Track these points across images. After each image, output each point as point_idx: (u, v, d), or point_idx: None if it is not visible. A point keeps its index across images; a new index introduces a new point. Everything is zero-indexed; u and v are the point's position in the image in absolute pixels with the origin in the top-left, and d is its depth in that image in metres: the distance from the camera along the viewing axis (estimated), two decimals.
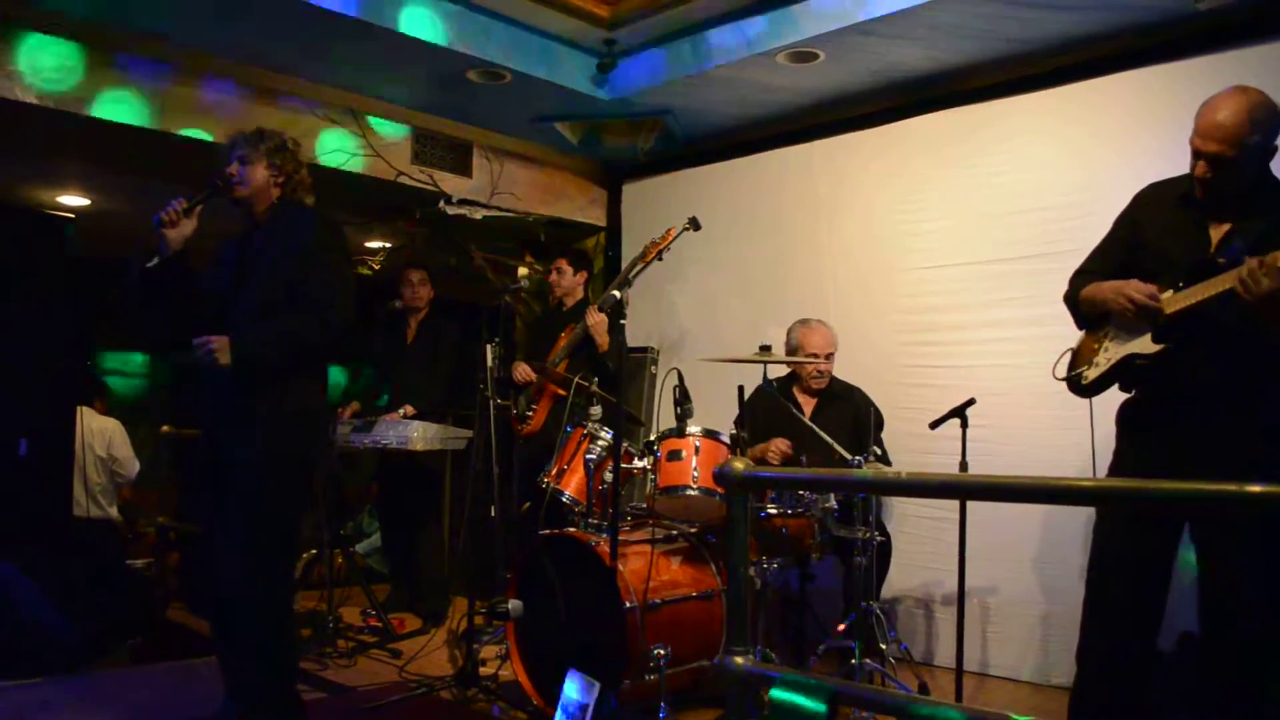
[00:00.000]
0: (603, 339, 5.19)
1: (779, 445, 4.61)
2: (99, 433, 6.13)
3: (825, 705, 1.61)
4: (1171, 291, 3.03)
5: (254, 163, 3.49)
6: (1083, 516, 4.38)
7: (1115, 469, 3.29)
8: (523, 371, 5.47)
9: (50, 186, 6.82)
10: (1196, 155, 3.02)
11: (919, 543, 5.11)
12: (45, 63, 4.70)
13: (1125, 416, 3.29)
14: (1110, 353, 3.21)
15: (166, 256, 3.39)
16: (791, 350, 4.90)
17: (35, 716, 3.97)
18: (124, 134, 5.08)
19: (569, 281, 5.65)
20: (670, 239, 5.13)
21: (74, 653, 4.55)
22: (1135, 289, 3.08)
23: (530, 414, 5.39)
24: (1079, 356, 3.38)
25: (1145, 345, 3.09)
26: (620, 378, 4.17)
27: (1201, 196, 3.09)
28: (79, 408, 5.68)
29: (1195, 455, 3.00)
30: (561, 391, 5.30)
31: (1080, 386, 3.32)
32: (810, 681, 1.69)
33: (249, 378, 3.33)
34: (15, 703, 4.11)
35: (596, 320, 5.16)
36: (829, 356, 4.89)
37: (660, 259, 5.14)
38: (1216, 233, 3.08)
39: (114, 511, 6.35)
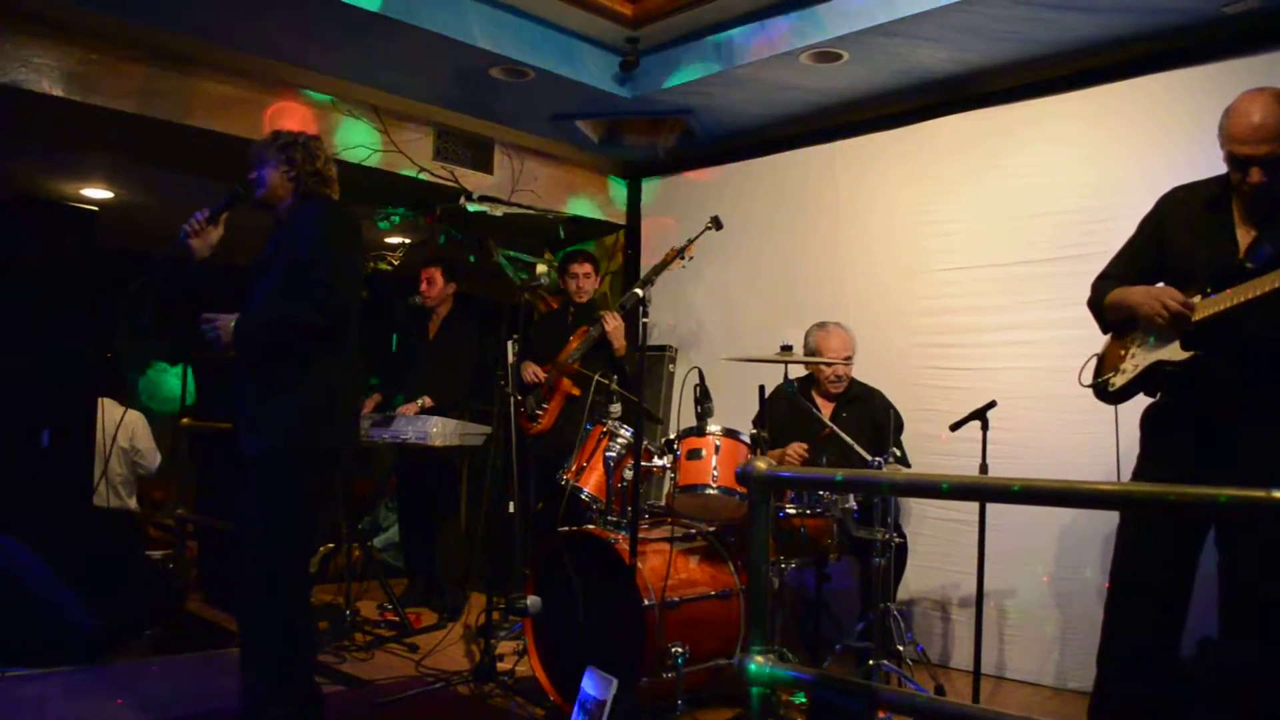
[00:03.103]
0: (620, 343, 5.22)
1: (796, 449, 4.61)
2: (122, 424, 6.18)
3: (861, 705, 1.62)
4: (1200, 297, 3.02)
5: (269, 164, 3.59)
6: (1102, 520, 4.37)
7: (1140, 473, 3.27)
8: (531, 372, 5.49)
9: (74, 179, 6.87)
10: (1246, 163, 2.98)
11: (937, 545, 5.09)
12: (71, 57, 4.75)
13: (1150, 421, 3.28)
14: (1138, 359, 3.20)
15: (195, 265, 3.54)
16: (809, 354, 4.89)
17: (56, 705, 4.00)
18: (147, 127, 5.12)
19: (592, 284, 5.70)
20: (694, 241, 5.16)
21: (94, 642, 4.58)
22: (1171, 296, 3.06)
23: (540, 413, 5.42)
24: (1105, 362, 3.37)
25: (1174, 352, 3.07)
26: (640, 376, 4.17)
27: (1255, 203, 3.05)
28: (102, 399, 5.72)
29: (1221, 461, 2.99)
30: (575, 390, 5.32)
31: (1107, 393, 3.31)
32: (848, 682, 1.69)
33: (267, 372, 3.38)
34: (36, 691, 4.15)
35: (616, 325, 5.19)
36: (847, 360, 4.88)
37: (684, 260, 5.16)
38: (1244, 237, 3.07)
39: (133, 503, 6.40)
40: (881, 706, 1.66)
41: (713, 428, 4.18)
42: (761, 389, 4.19)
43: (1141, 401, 3.31)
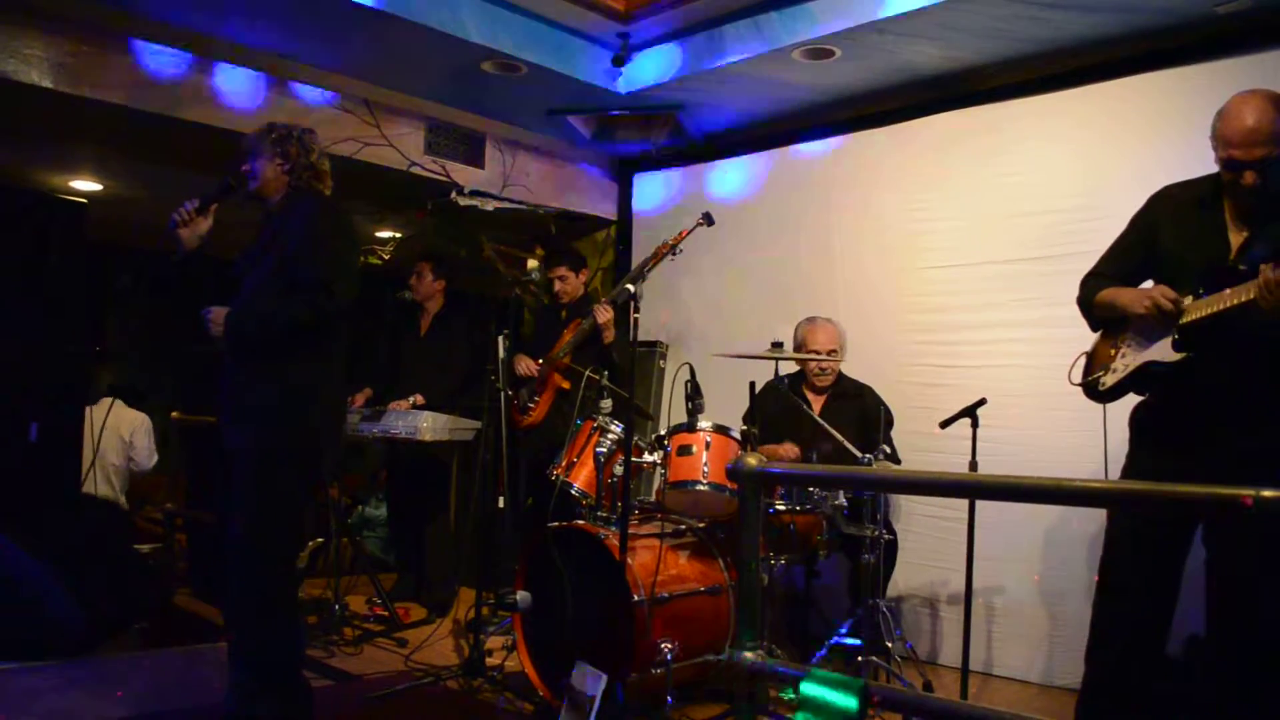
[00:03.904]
0: (611, 333, 5.23)
1: (788, 452, 4.61)
2: (125, 420, 6.18)
3: (856, 701, 1.62)
4: (1191, 298, 3.02)
5: (262, 156, 3.58)
6: (1091, 518, 4.38)
7: (1128, 472, 3.28)
8: (525, 366, 5.49)
9: (64, 171, 6.84)
10: (1240, 166, 2.98)
11: (926, 541, 5.10)
12: (61, 48, 4.72)
13: (1140, 420, 3.28)
14: (1128, 359, 3.20)
15: (183, 255, 3.53)
16: (797, 348, 4.90)
17: (44, 699, 3.98)
18: (138, 120, 5.09)
19: (574, 285, 5.73)
20: (685, 235, 5.14)
21: (82, 637, 4.57)
22: (1164, 294, 3.06)
23: (532, 406, 5.42)
24: (1094, 361, 3.37)
25: (1165, 353, 3.07)
26: (631, 372, 4.17)
27: (1247, 204, 3.06)
28: (112, 399, 5.70)
29: (1210, 460, 2.99)
30: (565, 384, 5.33)
31: (1097, 392, 3.31)
32: (842, 677, 1.70)
33: (252, 366, 3.38)
34: (24, 685, 4.13)
35: (607, 318, 5.20)
36: (832, 353, 4.89)
37: (674, 255, 5.15)
38: (1236, 237, 3.07)
39: (122, 499, 6.38)
40: (871, 702, 1.67)
41: (703, 424, 4.17)
42: (752, 385, 4.20)
43: (1130, 400, 3.32)
